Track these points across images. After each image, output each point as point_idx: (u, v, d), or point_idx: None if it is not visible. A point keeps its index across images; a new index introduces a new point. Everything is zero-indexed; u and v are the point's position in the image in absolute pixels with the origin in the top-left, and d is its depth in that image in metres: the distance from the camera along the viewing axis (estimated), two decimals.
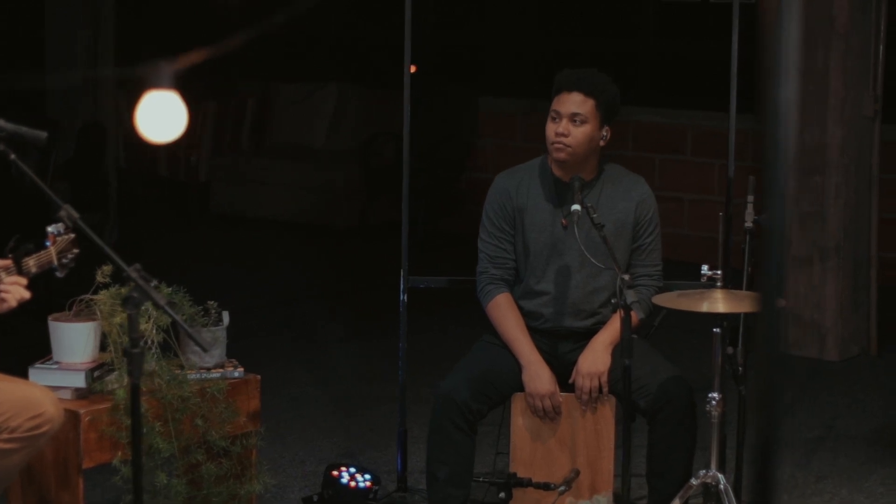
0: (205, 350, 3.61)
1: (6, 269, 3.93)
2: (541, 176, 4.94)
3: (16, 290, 3.92)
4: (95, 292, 4.58)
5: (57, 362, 4.54)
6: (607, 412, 4.86)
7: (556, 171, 4.90)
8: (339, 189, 10.87)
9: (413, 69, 5.41)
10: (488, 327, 4.97)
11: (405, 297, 5.42)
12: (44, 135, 3.72)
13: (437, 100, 10.73)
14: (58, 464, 4.38)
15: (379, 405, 6.64)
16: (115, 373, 4.53)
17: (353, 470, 5.39)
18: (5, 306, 3.93)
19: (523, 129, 10.49)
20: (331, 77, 11.48)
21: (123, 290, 4.59)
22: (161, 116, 3.00)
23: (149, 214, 11.08)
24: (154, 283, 3.57)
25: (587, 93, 4.80)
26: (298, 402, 6.72)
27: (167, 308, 3.56)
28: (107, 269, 4.56)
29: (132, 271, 3.54)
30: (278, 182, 11.00)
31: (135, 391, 3.53)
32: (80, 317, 4.56)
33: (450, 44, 11.35)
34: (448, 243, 9.91)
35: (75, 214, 3.61)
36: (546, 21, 11.21)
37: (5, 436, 3.91)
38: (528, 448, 4.87)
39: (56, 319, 4.55)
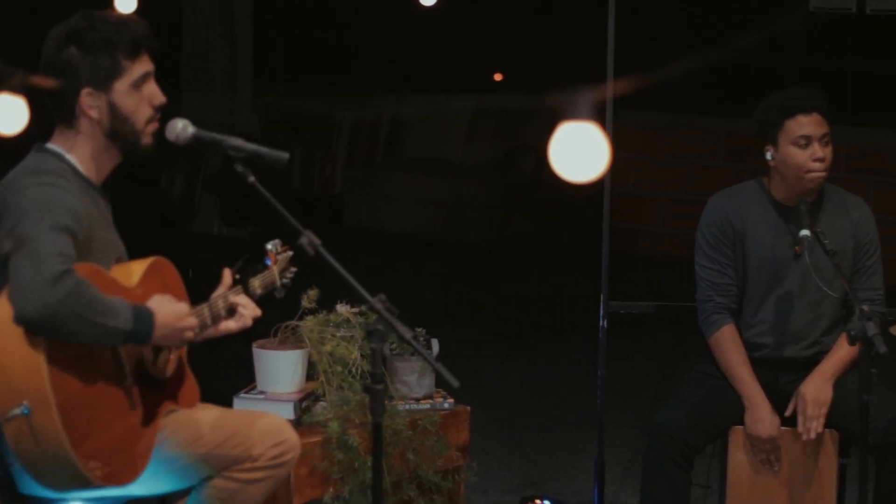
0: (454, 386, 3.38)
1: (234, 291, 3.74)
2: (759, 199, 4.69)
3: (251, 308, 3.73)
4: (301, 318, 4.38)
5: (262, 392, 4.34)
6: (829, 449, 4.60)
7: (778, 195, 4.65)
8: (476, 203, 10.66)
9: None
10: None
11: (605, 323, 5.18)
12: (286, 156, 3.52)
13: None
14: (267, 501, 4.17)
15: (550, 431, 6.41)
16: (324, 403, 4.33)
17: (547, 502, 5.19)
18: (240, 324, 3.73)
19: (665, 144, 10.21)
20: (467, 89, 11.28)
21: (332, 317, 4.40)
22: (578, 151, 2.76)
23: (281, 226, 10.89)
24: (398, 314, 3.37)
25: (823, 112, 4.57)
26: None
27: (413, 342, 3.35)
28: (312, 293, 4.37)
29: (377, 302, 3.34)
30: (412, 196, 10.81)
31: (377, 431, 3.33)
32: (286, 344, 4.36)
33: (580, 54, 11.07)
34: (588, 259, 9.64)
35: (317, 241, 3.41)
36: (689, 32, 10.92)
37: (248, 465, 3.71)
38: (746, 485, 4.62)
39: (261, 347, 4.35)
